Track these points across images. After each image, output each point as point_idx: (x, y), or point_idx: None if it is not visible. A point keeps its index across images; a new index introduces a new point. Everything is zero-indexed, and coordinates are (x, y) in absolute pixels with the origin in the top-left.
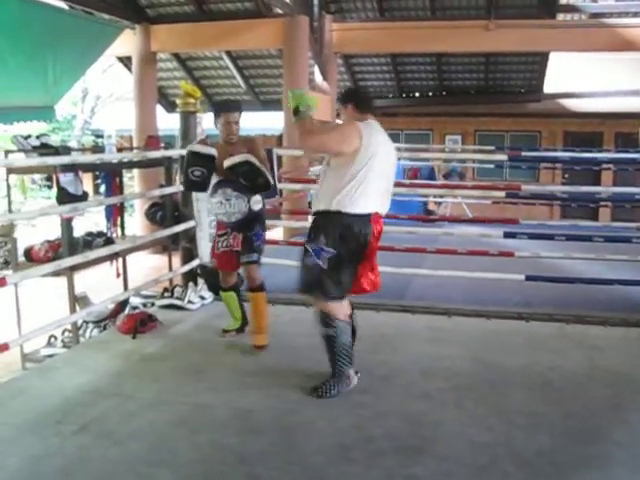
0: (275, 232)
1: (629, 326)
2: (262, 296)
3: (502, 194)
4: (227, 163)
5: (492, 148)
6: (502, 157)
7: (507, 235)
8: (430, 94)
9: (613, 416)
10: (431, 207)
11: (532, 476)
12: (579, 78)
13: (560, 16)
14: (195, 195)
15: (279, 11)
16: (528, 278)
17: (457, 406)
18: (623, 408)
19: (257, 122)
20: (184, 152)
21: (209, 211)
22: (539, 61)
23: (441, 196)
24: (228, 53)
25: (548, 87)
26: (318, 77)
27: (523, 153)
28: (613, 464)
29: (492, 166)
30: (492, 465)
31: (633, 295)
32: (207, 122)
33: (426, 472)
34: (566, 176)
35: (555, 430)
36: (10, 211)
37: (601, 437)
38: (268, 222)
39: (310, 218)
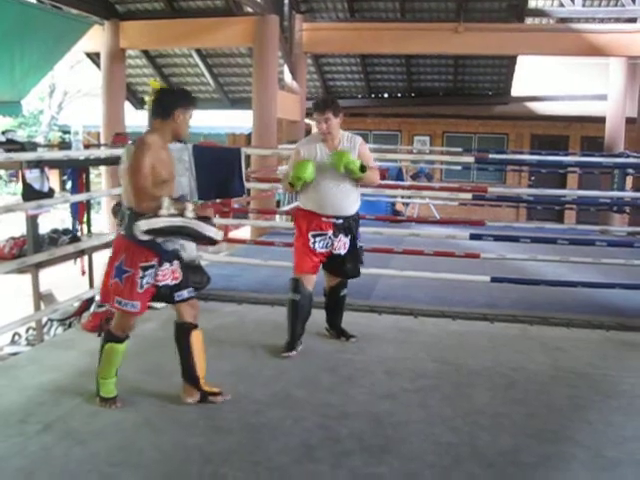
0: (243, 231)
1: (592, 328)
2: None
3: (469, 196)
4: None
5: (460, 150)
6: (469, 159)
7: (473, 237)
8: (399, 95)
9: (575, 416)
10: (398, 208)
11: (496, 476)
12: (546, 82)
13: (528, 20)
14: None
15: (249, 10)
16: (494, 280)
17: (422, 406)
18: (585, 408)
19: (226, 121)
20: None
21: None
22: (507, 64)
23: (409, 197)
24: (198, 51)
25: (516, 90)
26: (288, 76)
27: (490, 155)
28: (575, 463)
29: (460, 168)
30: (456, 465)
31: (596, 297)
32: None
33: (391, 472)
34: (532, 178)
35: (518, 430)
36: None
37: (564, 437)
38: (237, 221)
39: (334, 220)
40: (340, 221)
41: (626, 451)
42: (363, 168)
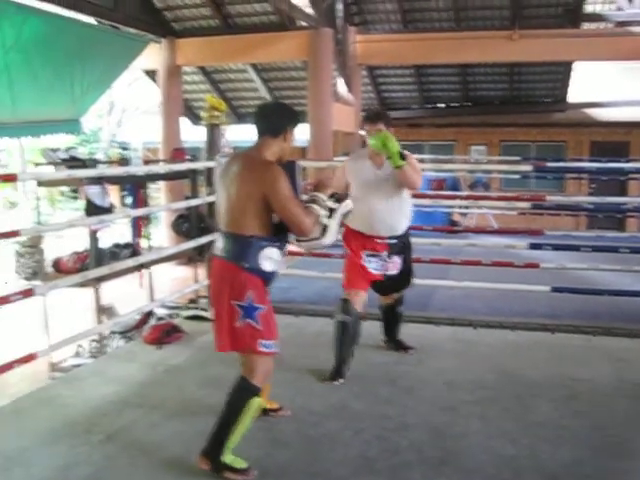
0: None
1: None
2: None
3: (527, 205)
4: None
5: (517, 159)
6: (527, 168)
7: (532, 246)
8: (454, 105)
9: None
10: (456, 218)
11: None
12: (604, 87)
13: (585, 25)
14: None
15: (303, 24)
16: (554, 290)
17: (481, 418)
18: None
19: None
20: (209, 164)
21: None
22: (563, 71)
23: (466, 207)
24: (253, 66)
25: (573, 97)
26: (342, 88)
27: (548, 164)
28: None
29: (518, 177)
30: (517, 478)
31: None
32: (231, 134)
33: None
34: (593, 186)
35: (581, 443)
36: (39, 223)
37: (629, 451)
38: None
39: (387, 241)
40: (394, 241)
41: None
42: (403, 156)
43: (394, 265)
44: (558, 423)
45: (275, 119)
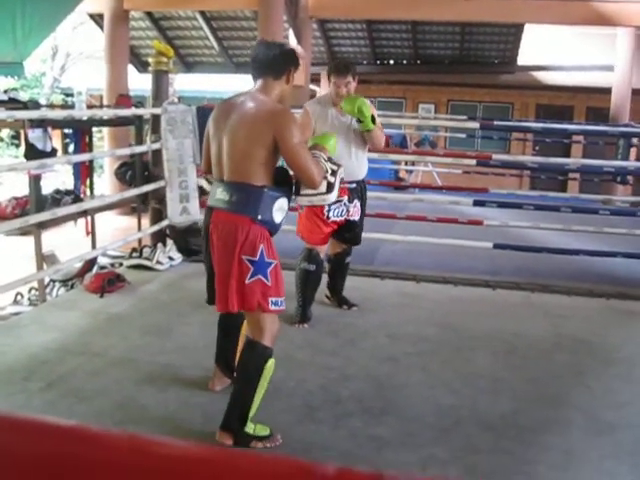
0: None
1: (593, 296)
2: None
3: (473, 162)
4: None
5: (464, 118)
6: (474, 125)
7: (476, 203)
8: (405, 62)
9: (575, 382)
10: (402, 175)
11: (495, 438)
12: (553, 51)
13: None
14: (166, 155)
15: None
16: (496, 246)
17: (422, 370)
18: (585, 374)
19: (230, 85)
20: (156, 111)
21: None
22: (514, 32)
23: (412, 164)
24: (202, 14)
25: (522, 59)
26: (293, 41)
27: (495, 122)
28: (573, 428)
29: (464, 136)
30: (456, 427)
31: (598, 266)
32: (179, 82)
33: (391, 433)
34: (537, 148)
35: (518, 394)
36: None
37: (563, 402)
38: None
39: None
40: (354, 185)
41: (622, 416)
42: (374, 120)
43: (356, 210)
44: (497, 375)
45: (277, 60)
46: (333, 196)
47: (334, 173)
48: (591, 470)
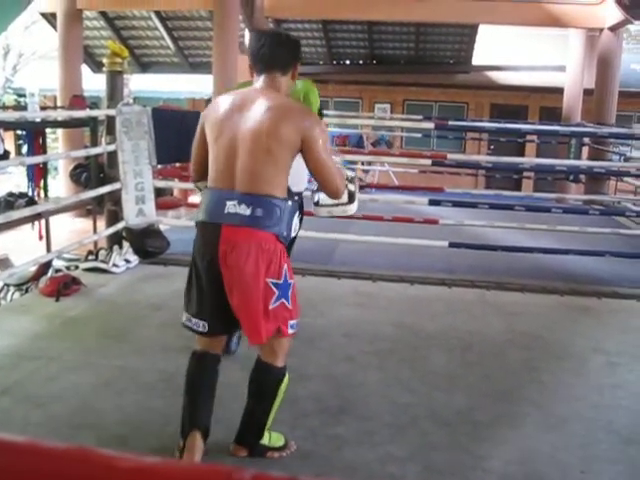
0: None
1: (547, 293)
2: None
3: (428, 162)
4: None
5: (420, 117)
6: (429, 126)
7: (432, 202)
8: (361, 62)
9: (528, 377)
10: (359, 174)
11: (451, 434)
12: (507, 52)
13: None
14: (122, 157)
15: None
16: (452, 245)
17: (379, 368)
18: (538, 370)
19: (186, 85)
20: (110, 112)
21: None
22: (468, 33)
23: (369, 163)
24: (157, 13)
25: (477, 59)
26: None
27: (450, 122)
28: (527, 422)
29: (420, 136)
30: (412, 424)
31: (551, 263)
32: (135, 83)
33: (349, 432)
34: (492, 147)
35: (473, 391)
36: None
37: (517, 397)
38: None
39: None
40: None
41: (574, 409)
42: (321, 114)
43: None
44: (452, 372)
45: (284, 52)
46: (355, 206)
47: (352, 180)
48: (544, 463)
